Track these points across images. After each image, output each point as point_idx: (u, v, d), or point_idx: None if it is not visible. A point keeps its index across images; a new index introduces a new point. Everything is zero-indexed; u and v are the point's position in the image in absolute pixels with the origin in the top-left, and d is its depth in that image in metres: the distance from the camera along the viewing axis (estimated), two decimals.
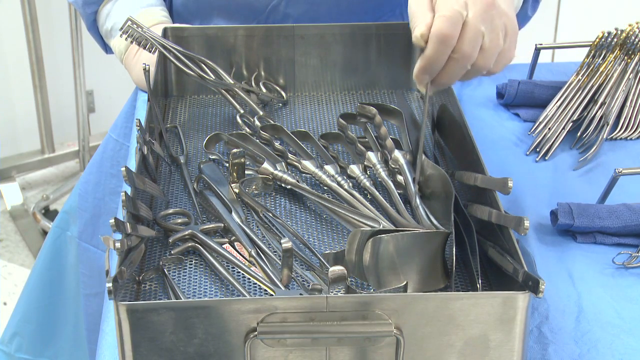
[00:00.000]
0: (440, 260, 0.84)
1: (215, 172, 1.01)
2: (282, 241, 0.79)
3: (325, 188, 0.98)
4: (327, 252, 0.87)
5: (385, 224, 0.89)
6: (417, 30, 0.85)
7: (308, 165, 1.01)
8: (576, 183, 1.07)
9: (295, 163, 1.02)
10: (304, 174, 1.02)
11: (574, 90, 1.21)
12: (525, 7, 1.21)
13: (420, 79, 0.88)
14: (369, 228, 0.86)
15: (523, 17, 1.25)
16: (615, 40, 1.22)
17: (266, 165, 0.99)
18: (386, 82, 1.23)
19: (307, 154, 1.03)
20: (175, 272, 0.86)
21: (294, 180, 0.98)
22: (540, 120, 1.18)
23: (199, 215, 0.95)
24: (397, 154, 1.00)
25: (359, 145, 1.05)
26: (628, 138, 1.18)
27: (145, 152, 0.94)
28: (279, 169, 0.99)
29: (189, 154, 1.07)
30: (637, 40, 1.21)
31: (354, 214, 0.91)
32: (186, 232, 0.89)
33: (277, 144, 1.05)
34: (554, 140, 1.14)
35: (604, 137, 1.14)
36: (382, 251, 0.81)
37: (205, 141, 1.06)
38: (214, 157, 1.04)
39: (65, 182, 2.89)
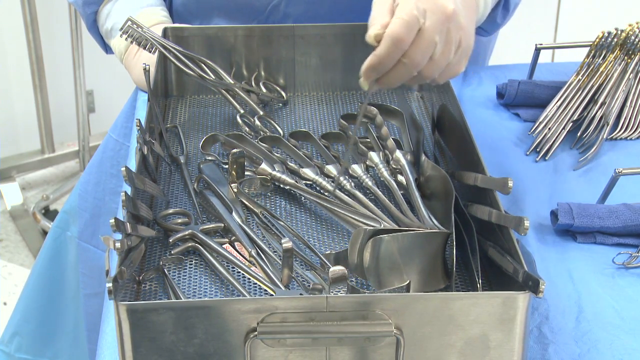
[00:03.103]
0: (441, 261, 0.84)
1: (215, 172, 1.01)
2: (282, 241, 0.79)
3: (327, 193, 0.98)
4: (327, 252, 0.87)
5: (385, 224, 0.89)
6: (372, 30, 0.86)
7: (308, 172, 1.00)
8: (576, 183, 1.07)
9: (296, 169, 1.02)
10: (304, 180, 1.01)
11: (574, 90, 1.21)
12: (494, 15, 1.21)
13: (367, 76, 0.88)
14: (370, 227, 0.86)
15: (492, 25, 1.25)
16: (615, 40, 1.22)
17: (264, 166, 0.99)
18: None
19: (307, 162, 1.02)
20: (175, 272, 0.86)
21: (292, 181, 0.98)
22: (540, 120, 1.18)
23: (199, 215, 0.95)
24: (398, 154, 1.00)
25: (360, 145, 1.05)
26: (628, 138, 1.18)
27: (145, 152, 0.94)
28: (277, 169, 0.99)
29: (189, 154, 1.07)
30: (637, 40, 1.21)
31: (353, 214, 0.91)
32: (186, 232, 0.89)
33: (276, 153, 1.04)
34: (554, 140, 1.14)
35: (604, 137, 1.14)
36: (383, 251, 0.81)
37: (201, 142, 1.06)
38: (211, 158, 1.04)
39: (65, 182, 2.89)
